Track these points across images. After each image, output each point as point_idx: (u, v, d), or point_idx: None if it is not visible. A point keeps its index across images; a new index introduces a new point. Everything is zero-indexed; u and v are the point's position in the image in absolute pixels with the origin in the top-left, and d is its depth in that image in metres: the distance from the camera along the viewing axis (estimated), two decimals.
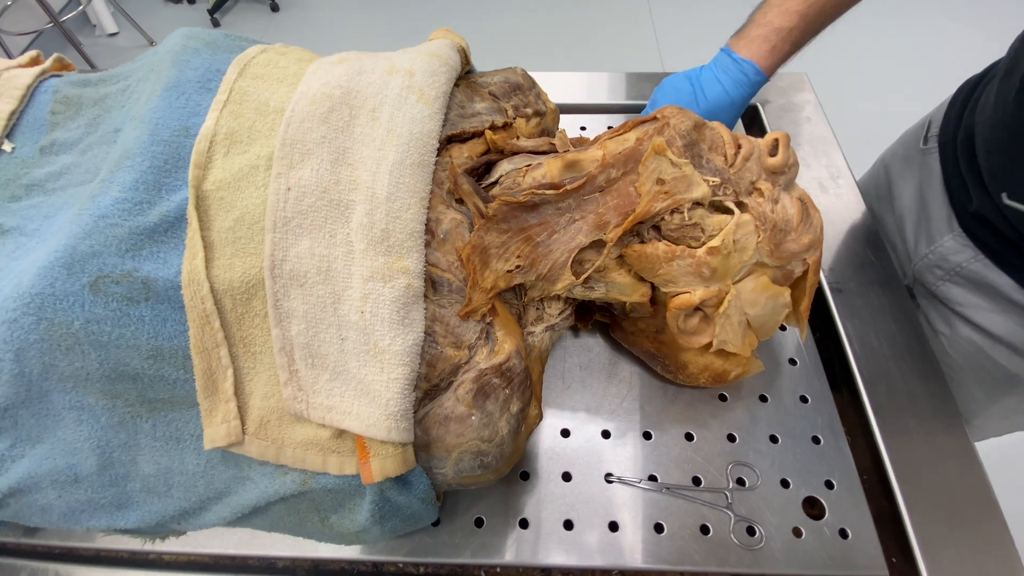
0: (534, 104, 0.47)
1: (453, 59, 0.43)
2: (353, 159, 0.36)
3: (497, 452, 0.34)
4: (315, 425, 0.34)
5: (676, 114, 0.35)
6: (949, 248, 0.51)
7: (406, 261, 0.34)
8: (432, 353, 0.35)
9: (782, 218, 0.35)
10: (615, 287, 0.38)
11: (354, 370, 0.33)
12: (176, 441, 0.38)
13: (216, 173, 0.36)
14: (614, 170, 0.35)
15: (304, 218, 0.34)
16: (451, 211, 0.37)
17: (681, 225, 0.35)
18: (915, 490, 0.41)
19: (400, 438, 0.32)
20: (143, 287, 0.34)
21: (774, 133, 0.37)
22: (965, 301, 0.51)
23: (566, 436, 0.45)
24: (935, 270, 0.52)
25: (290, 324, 0.34)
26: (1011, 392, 0.51)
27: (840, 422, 0.45)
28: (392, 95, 0.38)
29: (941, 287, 0.52)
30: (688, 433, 0.44)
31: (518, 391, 0.35)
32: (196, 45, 0.42)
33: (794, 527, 0.40)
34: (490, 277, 0.36)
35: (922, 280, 0.55)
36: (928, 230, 0.53)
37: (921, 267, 0.54)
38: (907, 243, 0.56)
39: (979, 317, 0.50)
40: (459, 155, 0.39)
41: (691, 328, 0.38)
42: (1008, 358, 0.49)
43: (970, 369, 0.52)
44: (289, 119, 0.36)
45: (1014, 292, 0.47)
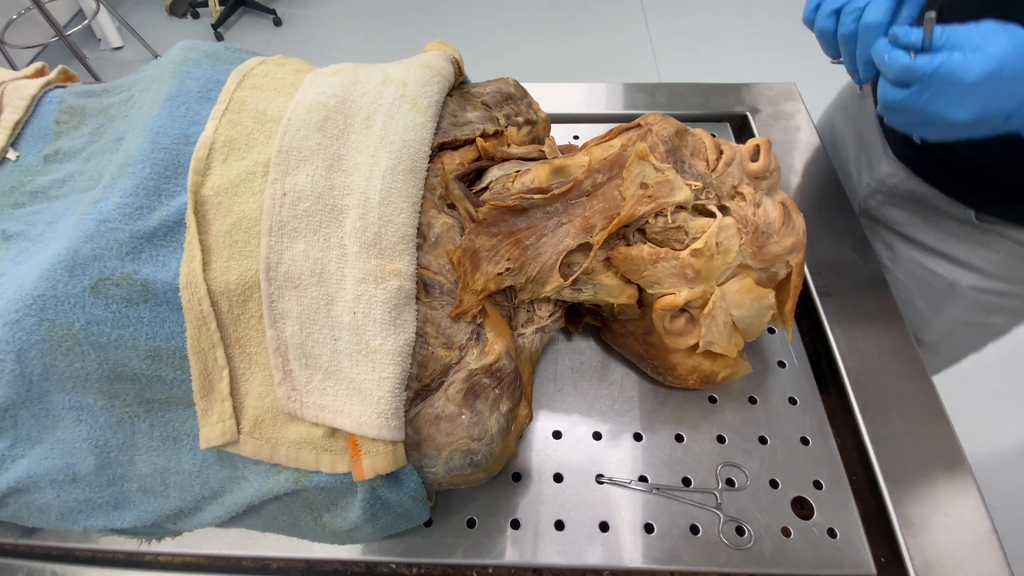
0: (525, 113, 0.48)
1: (446, 70, 0.44)
2: (347, 166, 0.37)
3: (487, 451, 0.34)
4: (308, 424, 0.34)
5: (658, 121, 0.36)
6: (886, 172, 0.57)
7: (398, 264, 0.35)
8: (423, 354, 0.36)
9: (764, 221, 0.36)
10: (602, 289, 0.39)
11: (347, 370, 0.34)
12: (173, 441, 0.38)
13: (214, 179, 0.37)
14: (600, 175, 0.36)
15: (299, 222, 0.35)
16: (443, 215, 0.38)
17: (665, 228, 0.36)
18: (903, 490, 0.41)
19: (391, 436, 0.32)
20: (142, 289, 0.35)
21: (756, 139, 0.38)
22: (903, 220, 0.57)
23: (558, 438, 0.45)
24: (876, 195, 0.59)
25: (284, 325, 0.34)
26: (951, 301, 0.55)
27: (828, 423, 0.45)
28: (386, 104, 0.39)
29: (883, 210, 0.59)
30: (678, 434, 0.45)
31: (508, 391, 0.36)
32: (197, 57, 0.44)
33: (783, 527, 0.40)
34: (480, 279, 0.37)
35: (867, 209, 0.61)
36: (868, 160, 0.60)
37: (866, 195, 0.61)
38: (851, 181, 0.63)
39: (916, 233, 0.56)
40: (451, 162, 0.40)
41: (677, 329, 0.38)
42: (944, 267, 0.54)
43: (914, 284, 0.57)
44: (286, 127, 0.38)
45: (941, 202, 0.52)
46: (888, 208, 0.58)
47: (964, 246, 0.52)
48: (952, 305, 0.56)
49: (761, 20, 2.16)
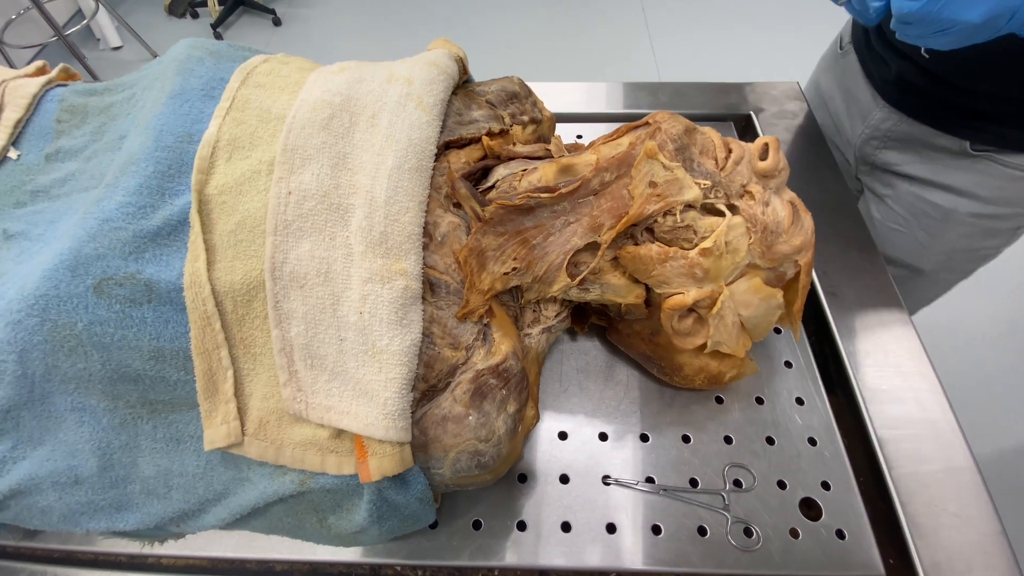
0: (530, 112, 0.48)
1: (451, 68, 0.44)
2: (353, 164, 0.37)
3: (494, 452, 0.34)
4: (314, 425, 0.34)
5: (668, 119, 0.36)
6: (879, 118, 0.60)
7: (404, 263, 0.35)
8: (430, 354, 0.35)
9: (773, 220, 0.36)
10: (610, 289, 0.39)
11: (352, 370, 0.33)
12: (176, 443, 0.38)
13: (218, 178, 0.37)
14: (608, 173, 0.36)
15: (304, 221, 0.35)
16: (449, 215, 0.38)
17: (674, 227, 0.36)
18: (911, 491, 0.41)
19: (398, 437, 0.32)
20: (146, 289, 0.34)
21: (764, 138, 0.38)
22: (899, 160, 0.60)
23: (564, 439, 0.45)
24: (872, 142, 0.62)
25: (290, 325, 0.34)
26: (949, 228, 0.59)
27: (835, 424, 0.45)
28: (391, 102, 0.39)
29: (879, 155, 0.62)
30: (685, 435, 0.45)
31: (515, 391, 0.36)
32: (200, 54, 0.43)
33: (791, 528, 0.40)
34: (487, 279, 0.37)
35: (863, 156, 0.64)
36: (860, 111, 0.63)
37: (860, 144, 0.64)
38: (845, 133, 0.66)
39: (913, 170, 0.59)
40: (457, 160, 0.39)
41: (685, 329, 0.38)
42: (942, 197, 0.58)
43: (913, 216, 0.61)
44: (290, 125, 0.37)
45: (935, 138, 0.56)
46: (884, 152, 0.62)
47: (960, 175, 0.55)
48: (950, 232, 0.60)
49: (759, 19, 2.16)
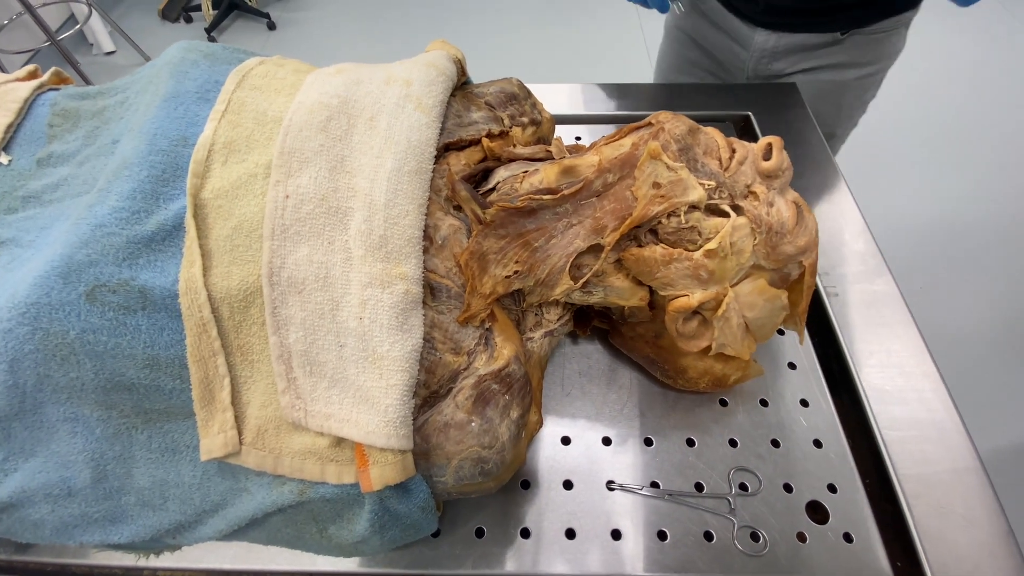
0: (530, 113, 0.47)
1: (449, 69, 0.43)
2: (351, 167, 0.36)
3: (498, 459, 0.33)
4: (313, 434, 0.33)
5: (671, 119, 0.36)
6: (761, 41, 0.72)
7: (404, 267, 0.34)
8: (431, 359, 0.35)
9: (777, 221, 0.36)
10: (613, 291, 0.38)
11: (353, 377, 0.33)
12: (172, 453, 0.37)
13: (214, 182, 0.36)
14: (610, 175, 0.35)
15: (302, 225, 0.34)
16: (449, 218, 0.37)
17: (678, 228, 0.35)
18: (917, 493, 0.40)
19: (400, 445, 0.31)
20: (140, 296, 0.33)
21: (767, 137, 0.37)
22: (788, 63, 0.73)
23: (566, 444, 0.44)
24: (762, 60, 0.74)
25: (288, 331, 0.33)
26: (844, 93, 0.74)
27: (841, 425, 0.45)
28: (390, 104, 0.38)
29: (772, 66, 0.74)
30: (689, 439, 0.44)
31: (518, 397, 0.35)
32: (194, 57, 0.43)
33: (798, 532, 0.40)
34: (488, 283, 0.36)
35: (757, 72, 0.76)
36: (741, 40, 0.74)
37: (752, 63, 0.75)
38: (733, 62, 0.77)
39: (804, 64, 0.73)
40: (456, 162, 0.39)
41: (690, 331, 0.38)
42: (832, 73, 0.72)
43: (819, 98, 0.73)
44: (287, 128, 0.37)
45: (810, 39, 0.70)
46: (774, 64, 0.74)
47: (840, 54, 0.70)
48: (847, 96, 0.75)
49: None
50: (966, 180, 1.68)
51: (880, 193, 1.62)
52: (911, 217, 1.61)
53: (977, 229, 1.59)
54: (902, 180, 1.66)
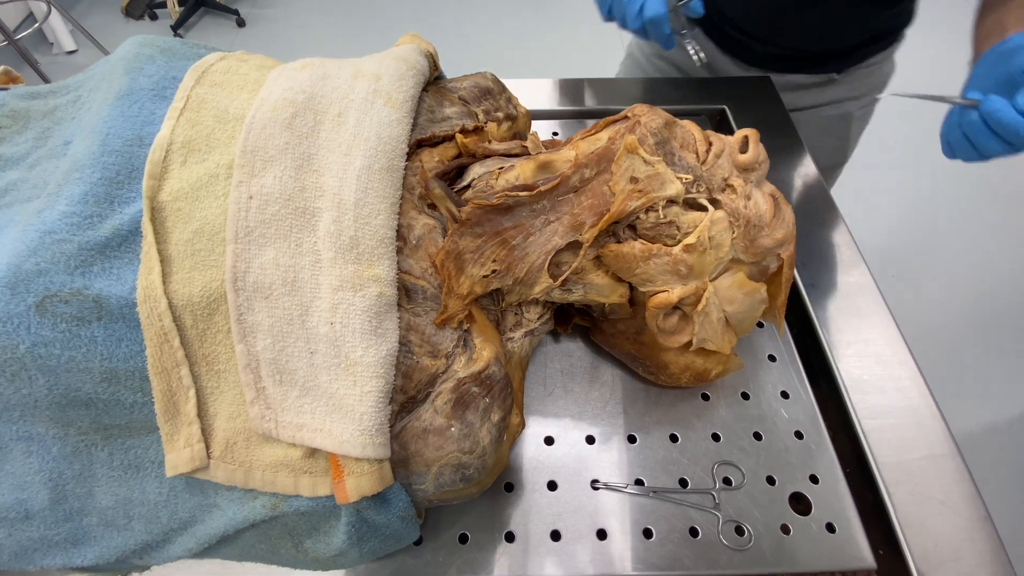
0: (505, 108, 0.46)
1: (420, 64, 0.42)
2: (318, 165, 0.35)
3: (479, 464, 0.33)
4: (285, 445, 0.32)
5: (647, 112, 0.35)
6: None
7: (377, 269, 0.33)
8: (407, 364, 0.34)
9: (755, 214, 0.35)
10: (593, 288, 0.37)
11: (325, 385, 0.31)
12: (135, 469, 0.35)
13: (172, 183, 0.34)
14: (587, 170, 0.35)
15: (267, 227, 0.33)
16: (423, 216, 0.36)
17: (656, 223, 0.35)
18: (896, 480, 0.41)
19: (376, 454, 0.30)
20: (95, 306, 0.32)
21: (744, 130, 0.37)
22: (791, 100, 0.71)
23: (550, 444, 0.44)
24: None
25: (255, 339, 0.32)
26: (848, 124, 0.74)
27: (821, 416, 0.45)
28: (358, 99, 0.37)
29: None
30: (672, 434, 0.44)
31: (499, 399, 0.34)
32: (150, 52, 0.41)
33: (782, 524, 0.40)
34: (466, 283, 0.35)
35: None
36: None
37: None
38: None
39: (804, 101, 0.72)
40: (430, 159, 0.38)
41: (670, 327, 0.37)
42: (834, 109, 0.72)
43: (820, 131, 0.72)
44: (250, 125, 0.35)
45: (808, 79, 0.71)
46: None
47: (836, 90, 0.71)
48: (852, 127, 0.75)
49: None
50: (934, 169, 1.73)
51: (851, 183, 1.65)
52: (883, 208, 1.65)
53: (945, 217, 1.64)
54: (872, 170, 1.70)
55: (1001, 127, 0.36)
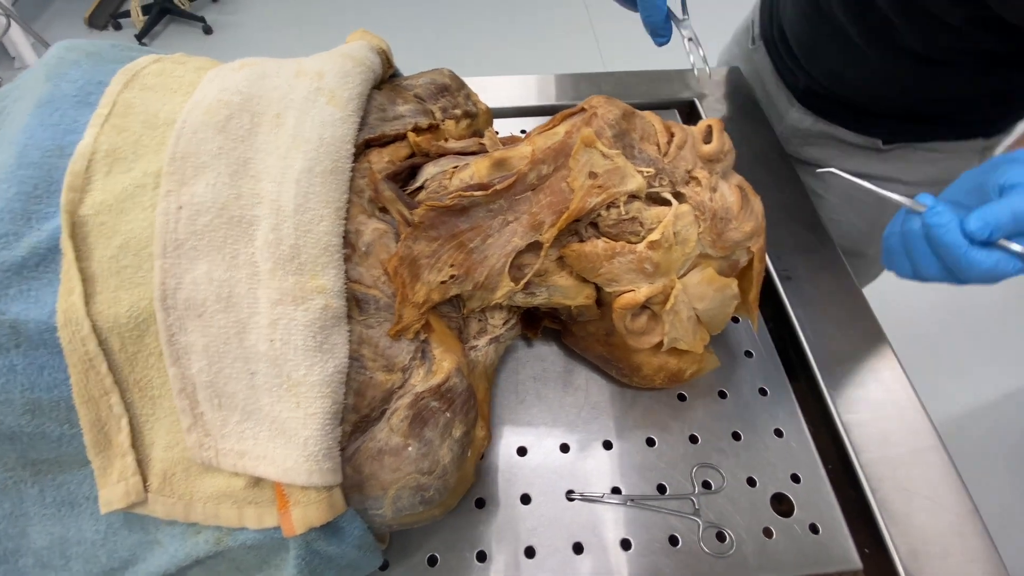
0: (463, 105, 0.44)
1: (370, 60, 0.40)
2: (256, 170, 0.32)
3: (440, 484, 0.30)
4: (227, 474, 0.30)
5: (603, 104, 0.33)
6: (795, 119, 0.62)
7: (321, 279, 0.30)
8: (360, 380, 0.31)
9: (722, 206, 0.34)
10: (558, 291, 0.36)
11: (267, 408, 0.29)
12: (70, 506, 0.33)
13: (95, 195, 0.31)
14: (545, 166, 0.33)
15: (199, 239, 0.30)
16: (373, 221, 0.34)
17: (619, 220, 0.33)
18: (880, 476, 0.39)
19: (323, 481, 0.28)
20: (11, 332, 0.29)
21: (707, 120, 0.35)
22: (823, 156, 0.62)
23: (523, 455, 0.42)
24: (792, 140, 0.64)
25: (189, 361, 0.29)
26: (883, 211, 0.61)
27: (800, 412, 0.44)
28: (299, 99, 0.34)
29: (802, 151, 0.64)
30: (649, 438, 0.42)
31: (461, 413, 0.32)
32: (75, 57, 0.38)
33: (764, 527, 0.38)
34: (422, 290, 0.33)
35: (787, 150, 0.64)
36: (776, 109, 0.65)
37: (781, 140, 0.63)
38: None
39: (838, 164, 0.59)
40: (379, 160, 0.35)
41: (639, 328, 0.35)
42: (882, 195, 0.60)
43: (849, 206, 0.63)
44: (180, 130, 0.32)
45: (850, 137, 0.59)
46: (806, 148, 0.64)
47: (882, 165, 0.59)
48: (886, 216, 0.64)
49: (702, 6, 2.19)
50: None
51: None
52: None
53: None
54: None
55: (940, 247, 0.28)
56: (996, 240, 0.27)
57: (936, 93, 0.50)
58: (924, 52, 0.45)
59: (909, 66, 0.47)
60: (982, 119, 0.54)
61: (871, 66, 0.50)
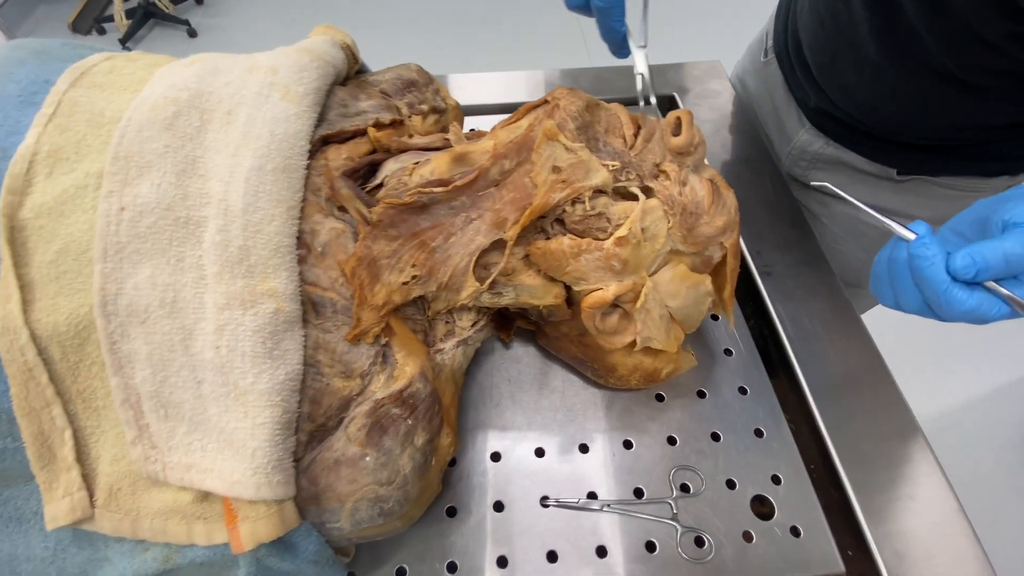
0: (431, 101, 0.43)
1: (330, 55, 0.38)
2: (204, 169, 0.31)
3: (400, 496, 0.29)
4: (175, 489, 0.28)
5: (566, 95, 0.32)
6: (804, 141, 0.58)
7: (272, 282, 0.29)
8: (316, 387, 0.30)
9: (692, 200, 0.33)
10: (525, 290, 0.34)
11: (215, 418, 0.28)
12: (17, 523, 0.31)
13: (36, 198, 0.30)
14: (507, 161, 0.32)
15: (143, 242, 0.29)
16: (330, 220, 0.33)
17: (585, 216, 0.32)
18: (863, 476, 0.38)
19: (273, 495, 0.26)
20: None
21: (676, 112, 0.34)
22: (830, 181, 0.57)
23: (496, 460, 0.40)
24: (800, 162, 0.60)
25: (133, 370, 0.28)
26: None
27: (781, 410, 0.42)
28: (251, 94, 0.33)
29: (809, 175, 0.60)
30: (627, 440, 0.41)
31: (423, 420, 0.31)
32: (21, 55, 0.36)
33: (744, 531, 0.37)
34: (382, 292, 0.32)
35: (793, 174, 0.62)
36: (785, 130, 0.61)
37: (789, 162, 0.61)
38: (774, 145, 0.64)
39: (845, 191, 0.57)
40: (336, 157, 0.34)
41: (610, 327, 0.34)
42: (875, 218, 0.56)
43: (851, 237, 0.60)
44: (124, 129, 0.31)
45: (862, 164, 0.54)
46: (813, 172, 0.60)
47: (893, 196, 0.54)
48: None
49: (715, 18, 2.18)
50: None
51: None
52: None
53: None
54: None
55: (922, 280, 0.27)
56: (982, 281, 0.25)
57: (960, 120, 0.45)
58: (953, 71, 0.41)
59: (933, 86, 0.43)
60: (1010, 154, 0.48)
61: (890, 86, 0.46)
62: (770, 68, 0.61)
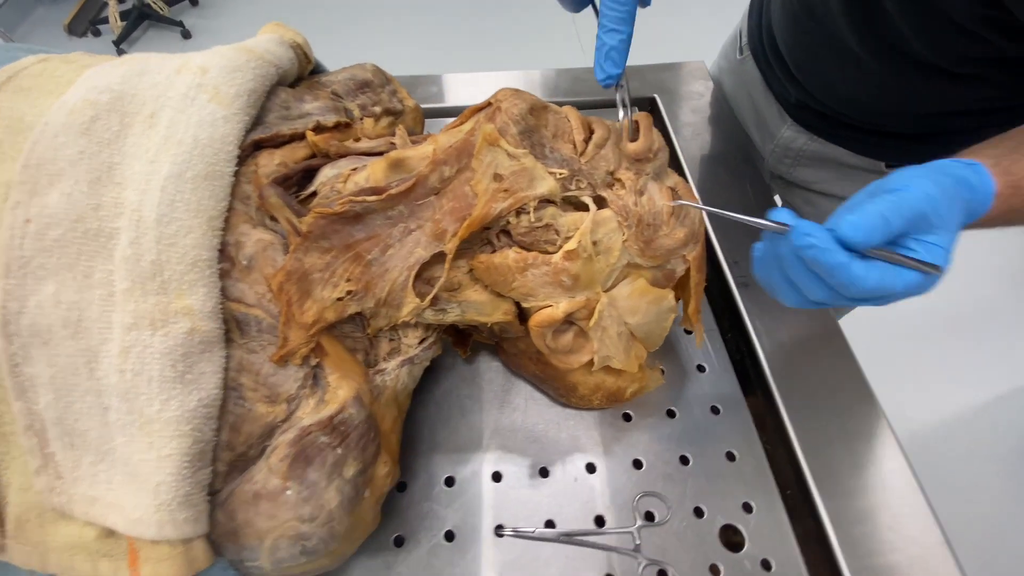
0: (386, 102, 0.41)
1: (273, 54, 0.36)
2: (121, 177, 0.29)
3: (324, 533, 0.27)
4: (81, 523, 0.26)
5: (508, 97, 0.30)
6: (787, 138, 0.56)
7: (188, 299, 0.27)
8: (237, 413, 0.28)
9: (649, 211, 0.30)
10: (471, 307, 0.32)
11: (121, 448, 0.25)
12: None
13: None
14: (447, 167, 0.29)
15: (48, 256, 0.27)
16: (258, 231, 0.30)
17: (531, 228, 0.29)
18: (841, 504, 0.36)
19: (177, 534, 0.24)
20: None
21: (635, 115, 0.32)
22: (816, 177, 0.57)
23: (451, 485, 0.38)
24: (784, 160, 0.58)
25: (36, 395, 0.26)
26: None
27: (756, 432, 0.40)
28: (176, 96, 0.31)
29: (794, 172, 0.58)
30: (590, 463, 0.39)
31: (356, 448, 0.29)
32: None
33: (711, 564, 0.35)
34: (313, 308, 0.30)
35: (777, 172, 0.60)
36: (767, 127, 0.59)
37: (773, 160, 0.59)
38: (755, 142, 0.62)
39: (833, 188, 0.56)
40: (268, 163, 0.32)
41: (564, 346, 0.32)
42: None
43: None
44: (39, 135, 0.29)
45: (849, 158, 0.53)
46: (799, 169, 0.58)
47: None
48: None
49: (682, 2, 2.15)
50: None
51: None
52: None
53: None
54: None
55: (817, 264, 0.25)
56: (873, 249, 0.25)
57: (945, 108, 0.45)
58: (934, 61, 0.40)
59: (914, 76, 0.42)
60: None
61: (872, 77, 0.45)
62: (746, 65, 0.59)
